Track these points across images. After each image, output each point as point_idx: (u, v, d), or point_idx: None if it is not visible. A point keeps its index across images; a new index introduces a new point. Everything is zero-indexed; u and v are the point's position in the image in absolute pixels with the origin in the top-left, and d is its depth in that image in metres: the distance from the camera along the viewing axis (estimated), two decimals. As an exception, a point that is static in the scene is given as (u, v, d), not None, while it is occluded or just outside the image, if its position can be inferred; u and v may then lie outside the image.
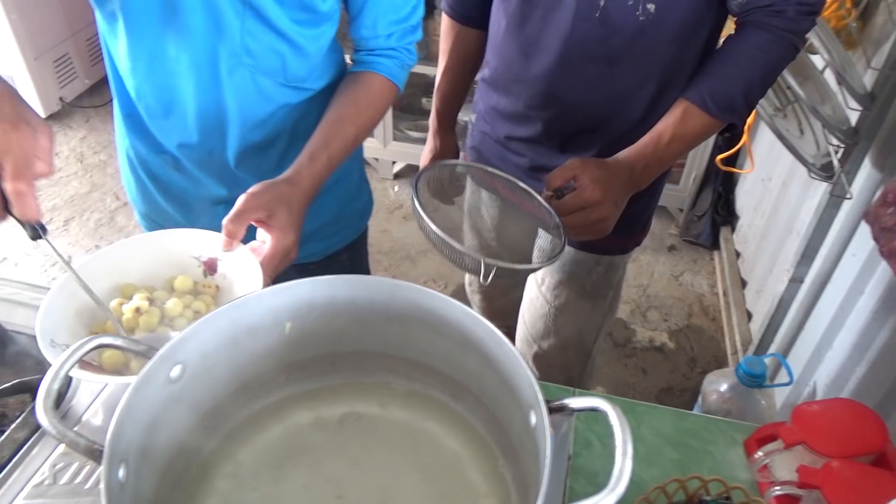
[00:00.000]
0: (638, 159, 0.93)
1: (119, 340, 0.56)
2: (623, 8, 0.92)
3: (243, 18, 0.85)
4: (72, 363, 0.53)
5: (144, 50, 0.87)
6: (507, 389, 0.61)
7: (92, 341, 0.54)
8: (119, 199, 2.71)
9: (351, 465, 0.67)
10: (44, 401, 0.50)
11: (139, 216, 1.13)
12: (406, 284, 0.64)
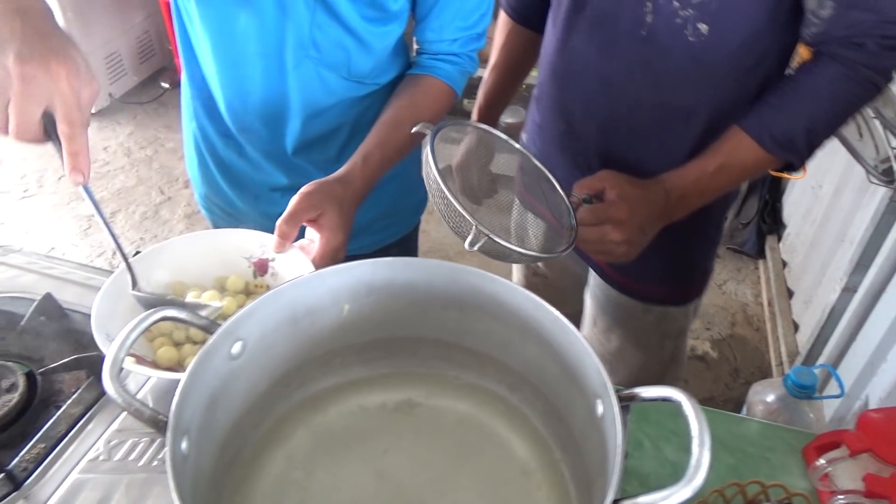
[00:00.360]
0: (676, 186, 0.84)
1: (183, 313, 0.55)
2: (671, 26, 0.82)
3: (314, 11, 0.85)
4: (138, 333, 0.53)
5: (219, 34, 0.88)
6: (569, 378, 0.59)
7: (158, 312, 0.54)
8: (164, 193, 2.75)
9: (404, 454, 0.66)
10: (110, 369, 0.50)
11: (199, 198, 1.15)
12: (467, 268, 0.63)
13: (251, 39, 0.87)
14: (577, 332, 0.57)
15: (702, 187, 0.85)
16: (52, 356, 0.83)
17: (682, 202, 0.85)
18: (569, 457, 0.63)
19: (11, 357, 0.82)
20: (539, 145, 1.08)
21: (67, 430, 0.73)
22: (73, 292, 0.90)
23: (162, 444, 0.71)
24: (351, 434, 0.67)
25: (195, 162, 1.08)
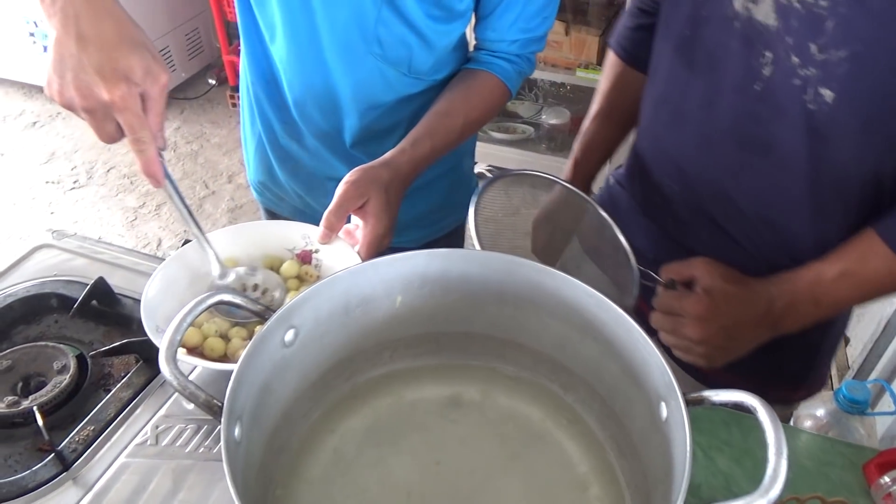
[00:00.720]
0: (785, 291, 0.73)
1: (239, 298, 0.55)
2: (788, 87, 0.69)
3: (380, 8, 0.85)
4: (194, 316, 0.52)
5: (294, 22, 0.88)
6: (630, 379, 0.57)
7: (215, 296, 0.54)
8: (208, 187, 2.79)
9: (452, 449, 0.64)
10: (166, 350, 0.49)
11: (252, 183, 1.15)
12: (526, 262, 0.61)
13: (325, 30, 0.87)
14: (642, 331, 0.54)
15: (817, 296, 0.73)
16: (102, 340, 0.84)
17: (791, 311, 0.74)
18: (625, 460, 0.60)
19: (63, 339, 0.83)
20: (625, 198, 0.98)
21: (116, 413, 0.73)
22: (124, 277, 0.90)
23: (208, 431, 0.71)
24: (399, 427, 0.66)
25: (252, 147, 1.09)
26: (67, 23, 0.60)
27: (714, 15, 0.74)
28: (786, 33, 0.67)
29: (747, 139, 0.75)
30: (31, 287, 0.88)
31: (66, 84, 0.61)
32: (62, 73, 0.61)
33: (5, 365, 0.78)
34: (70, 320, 0.85)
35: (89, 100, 0.61)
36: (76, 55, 0.60)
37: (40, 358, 0.79)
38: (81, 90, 0.61)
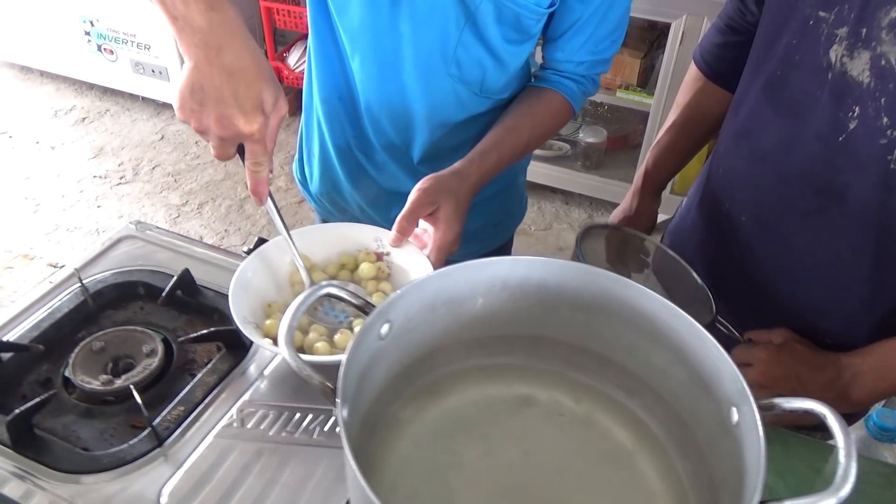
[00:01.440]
0: (853, 363, 0.76)
1: (343, 291, 0.60)
2: (873, 145, 0.71)
3: (462, 31, 0.90)
4: (307, 305, 0.57)
5: (377, 38, 0.93)
6: (699, 385, 0.61)
7: (323, 288, 0.59)
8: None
9: (521, 448, 0.68)
10: (286, 335, 0.54)
11: (311, 195, 1.20)
12: (602, 272, 0.65)
13: (408, 51, 0.92)
14: (713, 339, 0.58)
15: (883, 371, 0.76)
16: (185, 328, 0.89)
17: (858, 383, 0.77)
18: (688, 462, 0.64)
19: (149, 325, 0.89)
20: (699, 222, 1.00)
21: (203, 396, 0.79)
22: (203, 270, 0.96)
23: (287, 418, 0.76)
24: (471, 424, 0.70)
25: (317, 159, 1.13)
26: (210, 54, 0.65)
27: (806, 62, 0.76)
28: (880, 93, 0.70)
29: (823, 185, 0.78)
30: (119, 275, 0.94)
31: (205, 113, 0.67)
32: (202, 101, 0.66)
33: (98, 346, 0.84)
34: (156, 308, 0.91)
35: (227, 130, 0.67)
36: (219, 87, 0.65)
37: (129, 341, 0.85)
38: (222, 122, 0.66)
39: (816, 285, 0.85)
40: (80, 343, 0.84)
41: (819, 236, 0.82)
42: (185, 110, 0.67)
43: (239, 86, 0.66)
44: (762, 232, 0.87)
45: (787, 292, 0.88)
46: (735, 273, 0.93)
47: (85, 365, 0.82)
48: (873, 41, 0.70)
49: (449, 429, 0.69)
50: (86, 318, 0.89)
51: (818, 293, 0.85)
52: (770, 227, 0.86)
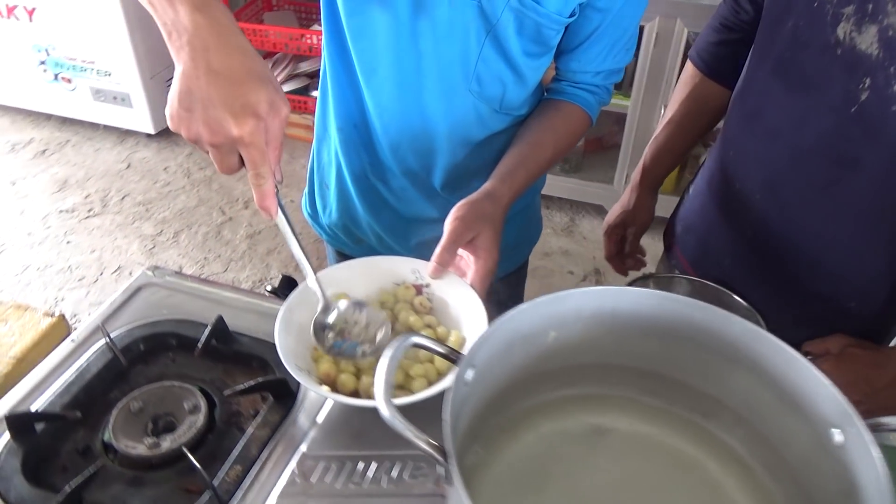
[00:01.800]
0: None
1: (428, 340, 0.57)
2: (885, 113, 0.74)
3: (482, 46, 0.88)
4: (399, 357, 0.54)
5: (399, 63, 0.91)
6: (788, 407, 0.60)
7: (410, 339, 0.56)
8: (224, 213, 2.79)
9: (604, 480, 0.67)
10: (385, 393, 0.52)
11: (326, 229, 1.17)
12: (676, 297, 0.64)
13: (429, 69, 0.90)
14: (806, 361, 0.58)
15: None
16: (224, 378, 0.86)
17: None
18: (780, 484, 0.64)
19: (185, 378, 0.85)
20: (711, 210, 1.02)
21: (259, 451, 0.75)
22: (232, 314, 0.92)
23: (351, 468, 0.73)
24: (550, 460, 0.68)
25: (332, 189, 1.10)
26: (196, 56, 0.61)
27: (814, 41, 0.79)
28: (889, 63, 0.73)
29: (838, 156, 0.81)
30: (146, 327, 0.89)
31: (193, 118, 0.62)
32: (189, 107, 0.62)
33: (136, 407, 0.79)
34: (189, 359, 0.87)
35: (218, 135, 0.62)
36: (205, 89, 0.61)
37: (168, 398, 0.81)
38: (210, 125, 0.62)
39: (835, 254, 0.87)
40: (117, 405, 0.79)
41: (835, 207, 0.84)
42: (174, 118, 0.63)
43: (226, 87, 0.62)
44: (778, 208, 0.89)
45: (807, 263, 0.90)
46: (751, 251, 0.95)
47: (126, 428, 0.77)
48: (880, 14, 0.73)
49: (527, 469, 0.68)
50: (117, 376, 0.85)
51: (837, 262, 0.88)
52: (786, 203, 0.89)
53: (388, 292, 0.88)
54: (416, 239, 1.12)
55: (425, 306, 0.86)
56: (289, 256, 2.58)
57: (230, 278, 2.48)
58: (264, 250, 2.62)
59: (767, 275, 0.94)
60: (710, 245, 0.99)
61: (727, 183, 0.96)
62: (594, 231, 2.72)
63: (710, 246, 0.99)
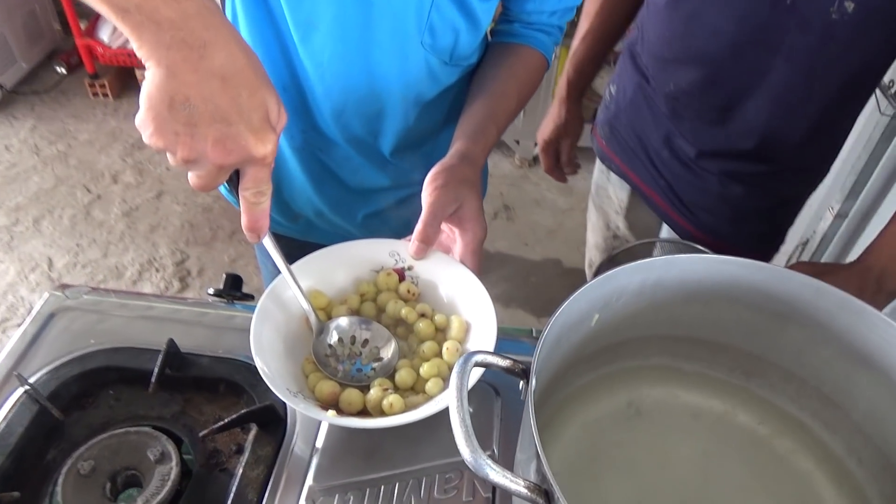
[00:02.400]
0: (872, 263, 0.79)
1: (491, 357, 0.48)
2: (817, 1, 0.79)
3: None
4: (467, 391, 0.45)
5: (344, 19, 0.76)
6: (850, 360, 0.57)
7: (473, 357, 0.46)
8: (90, 191, 2.47)
9: (651, 457, 0.62)
10: (468, 443, 0.42)
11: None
12: (727, 259, 0.58)
13: (380, 22, 0.77)
14: (880, 314, 0.54)
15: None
16: (189, 412, 0.72)
17: (886, 275, 0.79)
18: (840, 437, 0.61)
19: (141, 420, 0.70)
20: (641, 108, 1.04)
21: (259, 495, 0.63)
22: (178, 332, 0.77)
23: (374, 494, 0.63)
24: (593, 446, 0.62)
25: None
26: (192, 56, 0.48)
27: None
28: None
29: (773, 46, 0.85)
30: (73, 364, 0.73)
31: (197, 136, 0.49)
32: (191, 120, 0.49)
33: (87, 467, 0.64)
34: (139, 395, 0.72)
35: (232, 155, 0.50)
36: (213, 99, 0.48)
37: (124, 449, 0.66)
38: (224, 144, 0.49)
39: (769, 138, 0.92)
40: (61, 470, 0.64)
41: (768, 92, 0.88)
42: (165, 134, 0.49)
43: (240, 94, 0.50)
44: (718, 98, 0.92)
45: (738, 135, 0.94)
46: (687, 143, 0.99)
47: (78, 498, 0.63)
48: None
49: (577, 460, 0.61)
50: (51, 432, 0.69)
51: (769, 144, 0.93)
52: (727, 94, 0.91)
53: (366, 282, 0.76)
54: (363, 212, 1.00)
55: (413, 293, 0.75)
56: (178, 231, 2.34)
57: (112, 264, 2.22)
58: (146, 227, 2.35)
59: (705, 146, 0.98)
60: (642, 140, 1.04)
61: (661, 81, 0.98)
62: (497, 167, 2.67)
63: (642, 141, 1.04)
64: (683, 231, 1.07)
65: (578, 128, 1.22)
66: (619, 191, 1.16)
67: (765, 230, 1.03)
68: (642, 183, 1.09)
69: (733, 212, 0.99)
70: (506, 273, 2.25)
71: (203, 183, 0.53)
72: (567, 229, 2.43)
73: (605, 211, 1.22)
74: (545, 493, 0.42)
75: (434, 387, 0.67)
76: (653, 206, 1.09)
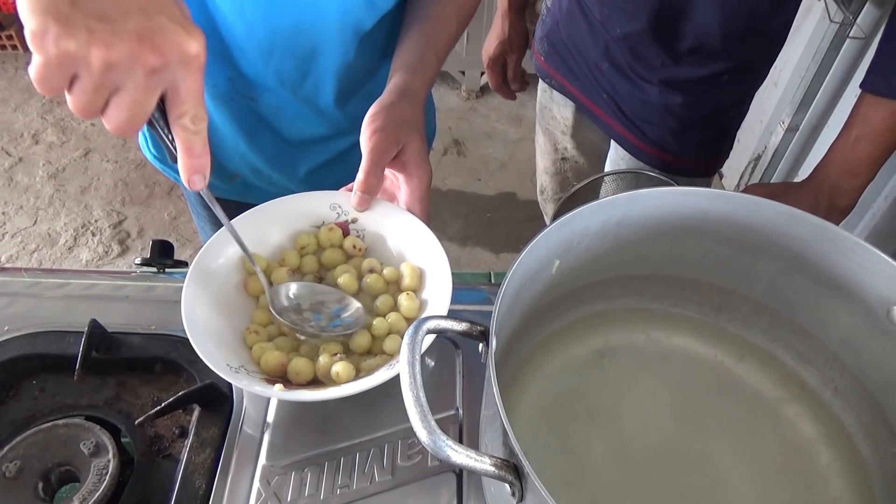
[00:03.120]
0: (822, 179, 0.79)
1: (446, 322, 0.43)
2: None
3: None
4: (418, 363, 0.39)
5: None
6: (826, 289, 0.54)
7: (425, 324, 0.41)
8: (10, 154, 2.30)
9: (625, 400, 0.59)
10: (423, 422, 0.37)
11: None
12: (696, 190, 0.54)
13: None
14: (856, 238, 0.51)
15: (849, 166, 0.78)
16: (124, 396, 0.66)
17: (837, 191, 0.79)
18: (813, 368, 0.59)
19: (72, 411, 0.64)
20: (578, 19, 0.99)
21: (208, 481, 0.58)
22: (96, 309, 0.70)
23: (333, 468, 0.59)
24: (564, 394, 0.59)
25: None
26: None
27: None
28: None
29: None
30: (-13, 356, 0.66)
31: (119, 32, 0.39)
32: (104, 15, 0.39)
33: (13, 469, 0.58)
34: (65, 383, 0.66)
35: (164, 53, 0.41)
36: None
37: (54, 444, 0.60)
38: (154, 40, 0.40)
39: (698, 34, 0.87)
40: (-17, 474, 0.58)
41: None
42: (75, 30, 0.39)
43: None
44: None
45: (673, 38, 0.90)
46: (628, 49, 0.94)
47: (8, 502, 0.57)
48: None
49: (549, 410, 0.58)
50: (-33, 433, 0.62)
51: (699, 40, 0.88)
52: None
53: (308, 236, 0.70)
54: (305, 166, 0.92)
55: (359, 247, 0.70)
56: (111, 190, 2.20)
57: (44, 231, 2.08)
58: (76, 189, 2.21)
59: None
60: (582, 53, 1.00)
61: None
62: (443, 100, 2.58)
63: (582, 54, 1.00)
64: (630, 146, 1.03)
65: (523, 41, 1.16)
66: (563, 109, 1.12)
67: (711, 137, 1.00)
68: (585, 98, 1.04)
69: (677, 122, 0.95)
70: (460, 210, 2.19)
71: (129, 108, 0.42)
72: (519, 160, 2.38)
73: (552, 132, 1.17)
74: (514, 468, 0.38)
75: (392, 344, 0.62)
76: (598, 122, 1.05)
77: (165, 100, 0.44)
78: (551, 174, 1.26)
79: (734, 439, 0.57)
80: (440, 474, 0.59)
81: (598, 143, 1.13)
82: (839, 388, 0.57)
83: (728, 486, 0.53)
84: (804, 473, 0.55)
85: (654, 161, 1.03)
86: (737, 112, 1.01)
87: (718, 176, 2.19)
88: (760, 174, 1.88)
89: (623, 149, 1.04)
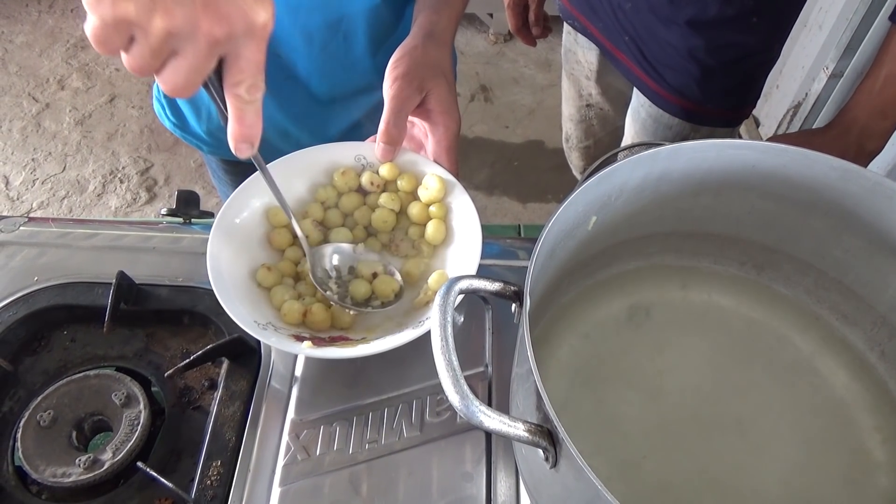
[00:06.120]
0: (851, 123, 0.75)
1: (479, 281, 0.41)
2: None
3: None
4: (451, 327, 0.38)
5: None
6: (879, 249, 0.51)
7: (457, 283, 0.40)
8: (37, 100, 2.30)
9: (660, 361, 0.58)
10: (456, 388, 0.36)
11: (203, 135, 0.91)
12: (747, 143, 0.51)
13: None
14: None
15: (878, 108, 0.74)
16: (153, 348, 0.66)
17: (867, 134, 0.75)
18: (860, 329, 0.57)
19: (103, 362, 0.64)
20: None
21: (238, 434, 0.58)
22: (126, 261, 0.70)
23: (362, 423, 0.59)
24: (597, 354, 0.58)
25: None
26: None
27: None
28: None
29: None
30: (16, 306, 0.66)
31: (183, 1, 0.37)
32: None
33: (48, 419, 0.59)
34: (96, 334, 0.66)
35: (229, 22, 0.39)
36: None
37: (86, 394, 0.61)
38: (220, 8, 0.38)
39: None
40: (18, 423, 0.59)
41: None
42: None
43: None
44: None
45: None
46: None
47: (42, 450, 0.58)
48: None
49: (582, 370, 0.56)
50: (1, 382, 0.63)
51: None
52: None
53: (325, 189, 0.68)
54: (336, 127, 0.89)
55: (377, 183, 0.67)
56: (138, 137, 2.20)
57: (73, 178, 2.10)
58: (103, 136, 2.21)
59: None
60: None
61: None
62: (470, 44, 2.51)
63: None
64: (651, 92, 0.98)
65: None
66: (587, 53, 1.07)
67: (734, 84, 0.95)
68: (607, 41, 0.99)
69: (699, 68, 0.90)
70: (487, 158, 2.15)
71: (186, 74, 0.40)
72: (548, 107, 2.32)
73: (577, 77, 1.13)
74: (548, 433, 0.37)
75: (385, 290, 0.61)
76: (620, 67, 1.00)
77: (223, 64, 0.42)
78: (576, 122, 1.22)
79: (773, 402, 0.55)
80: (469, 431, 0.59)
81: (624, 90, 1.08)
82: (886, 352, 0.55)
83: (767, 450, 0.52)
84: (846, 439, 0.53)
85: (674, 109, 0.98)
86: (763, 59, 0.95)
87: (755, 124, 2.11)
88: (800, 122, 1.80)
89: (645, 97, 1.00)
